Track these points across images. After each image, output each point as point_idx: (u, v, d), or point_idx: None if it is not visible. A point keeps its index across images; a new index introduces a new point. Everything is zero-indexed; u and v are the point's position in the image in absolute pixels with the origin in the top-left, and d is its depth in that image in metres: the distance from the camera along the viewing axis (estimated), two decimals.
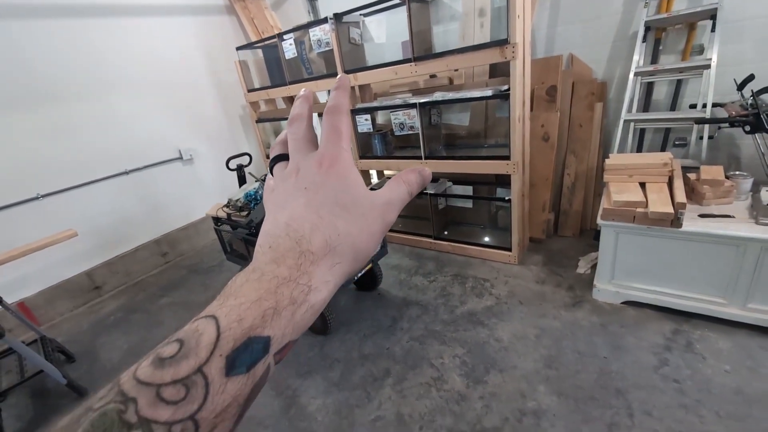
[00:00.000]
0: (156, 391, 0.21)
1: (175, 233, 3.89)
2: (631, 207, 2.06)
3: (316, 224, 0.29)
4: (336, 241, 0.29)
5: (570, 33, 2.95)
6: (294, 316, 0.26)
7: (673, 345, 1.95)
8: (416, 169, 0.36)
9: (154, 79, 3.59)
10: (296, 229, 0.29)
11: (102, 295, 3.42)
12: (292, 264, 0.27)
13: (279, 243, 0.29)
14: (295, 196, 0.31)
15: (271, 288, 0.26)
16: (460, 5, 2.77)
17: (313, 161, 0.32)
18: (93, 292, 3.37)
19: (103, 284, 3.42)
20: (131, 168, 3.49)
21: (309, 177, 0.32)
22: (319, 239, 0.29)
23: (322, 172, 0.31)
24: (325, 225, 0.29)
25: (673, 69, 2.56)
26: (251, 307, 0.25)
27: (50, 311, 3.13)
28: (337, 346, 2.28)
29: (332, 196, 0.31)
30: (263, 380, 0.26)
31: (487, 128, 3.02)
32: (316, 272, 0.28)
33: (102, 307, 3.26)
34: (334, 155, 0.32)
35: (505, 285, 2.60)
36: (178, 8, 3.71)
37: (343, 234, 0.30)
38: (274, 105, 4.09)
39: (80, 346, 2.73)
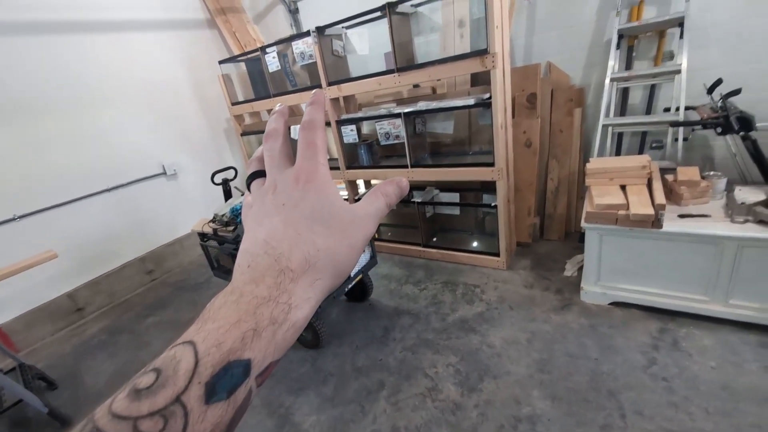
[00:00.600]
0: (133, 425, 0.21)
1: (160, 250, 3.81)
2: (613, 210, 2.11)
3: (295, 241, 0.29)
4: (315, 257, 0.29)
5: (547, 42, 3.04)
6: (275, 336, 0.26)
7: (661, 344, 1.99)
8: (393, 181, 0.36)
9: (135, 94, 3.55)
10: (275, 247, 0.29)
11: (85, 317, 3.32)
12: (272, 283, 0.27)
13: (258, 262, 0.29)
14: (273, 213, 0.31)
15: (250, 309, 0.26)
16: (440, 17, 2.82)
17: (290, 177, 0.32)
18: (75, 314, 3.27)
19: (85, 305, 3.32)
20: (114, 185, 3.42)
21: (286, 193, 0.32)
22: (298, 256, 0.29)
23: (299, 187, 0.31)
24: (304, 241, 0.29)
25: (647, 74, 2.65)
26: (230, 330, 0.25)
27: (30, 336, 3.02)
28: (329, 360, 2.26)
29: (310, 212, 0.31)
30: (245, 404, 0.25)
31: (471, 135, 3.06)
32: (296, 290, 0.28)
33: (85, 329, 3.16)
34: (310, 170, 0.32)
35: (494, 290, 2.62)
36: (158, 23, 3.69)
37: (323, 249, 0.30)
38: (258, 118, 4.08)
39: (62, 372, 2.64)
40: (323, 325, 2.30)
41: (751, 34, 2.41)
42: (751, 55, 2.46)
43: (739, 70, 2.49)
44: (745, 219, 1.92)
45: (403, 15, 2.68)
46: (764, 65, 2.44)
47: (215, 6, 3.93)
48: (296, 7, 3.91)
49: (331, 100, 3.02)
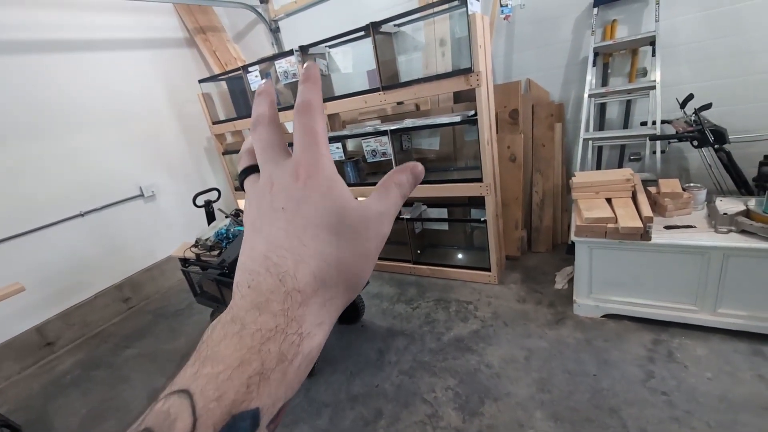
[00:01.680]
0: None
1: (138, 276, 3.63)
2: (602, 223, 2.13)
3: (300, 254, 0.24)
4: (325, 272, 0.25)
5: (525, 59, 3.12)
6: (286, 375, 0.22)
7: (656, 356, 2.00)
8: (407, 167, 0.30)
9: (110, 114, 3.42)
10: (277, 263, 0.24)
11: (55, 351, 3.10)
12: (278, 309, 0.23)
13: (259, 281, 0.24)
14: (272, 218, 0.26)
15: (254, 346, 0.22)
16: (422, 36, 2.85)
17: (289, 172, 0.27)
18: (44, 349, 3.04)
19: (56, 339, 3.10)
20: (87, 209, 3.25)
21: (285, 193, 0.26)
22: (305, 273, 0.24)
23: (300, 185, 0.26)
24: (311, 254, 0.25)
25: (623, 90, 2.74)
26: (232, 376, 0.21)
27: None
28: (323, 389, 2.16)
29: (315, 216, 0.25)
30: None
31: (456, 151, 3.08)
32: (306, 315, 0.23)
33: (56, 365, 2.94)
34: (311, 163, 0.27)
35: (488, 306, 2.59)
36: (135, 42, 3.59)
37: (333, 261, 0.25)
38: (241, 136, 4.00)
39: (30, 415, 2.43)
40: None
41: (715, 53, 2.54)
42: (717, 71, 2.58)
43: (708, 85, 2.60)
44: (728, 229, 1.97)
45: (386, 34, 2.70)
46: (730, 81, 2.56)
47: (194, 25, 3.87)
48: (277, 26, 3.90)
49: None
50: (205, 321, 3.04)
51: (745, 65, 2.49)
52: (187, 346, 2.85)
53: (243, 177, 0.31)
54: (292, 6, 3.72)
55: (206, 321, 2.99)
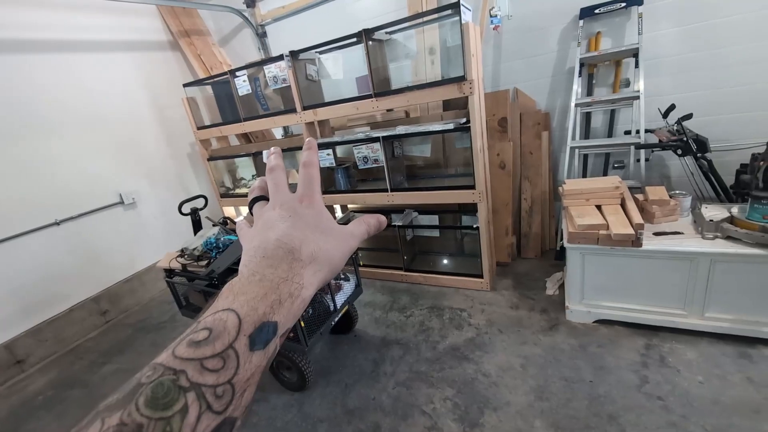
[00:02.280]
0: (200, 363, 0.27)
1: (116, 287, 3.45)
2: (594, 230, 2.16)
3: (303, 240, 0.37)
4: (318, 254, 0.37)
5: (513, 69, 3.17)
6: (292, 307, 0.33)
7: (649, 361, 2.03)
8: (376, 215, 0.46)
9: (90, 117, 3.27)
10: (287, 243, 0.36)
11: (26, 370, 2.90)
12: (287, 268, 0.35)
13: (273, 253, 0.35)
14: (282, 220, 0.38)
15: (273, 286, 0.33)
16: (414, 44, 2.86)
17: (295, 198, 0.41)
18: (14, 367, 2.85)
19: (27, 357, 2.91)
20: (63, 217, 3.08)
21: (292, 208, 0.40)
22: (306, 251, 0.37)
23: (303, 206, 0.40)
24: (310, 241, 0.37)
25: (608, 100, 2.82)
26: (262, 300, 0.32)
27: None
28: (317, 403, 2.10)
29: (312, 222, 0.39)
30: (273, 355, 0.32)
31: (447, 158, 3.09)
32: (305, 274, 0.35)
33: (27, 384, 2.75)
34: (310, 196, 0.41)
35: (482, 314, 2.59)
36: (116, 43, 3.47)
37: (323, 249, 0.38)
38: (226, 142, 3.89)
39: None
40: (308, 364, 2.14)
41: (694, 65, 2.65)
42: (696, 83, 2.69)
43: (688, 96, 2.71)
44: (714, 235, 2.03)
45: (378, 41, 2.69)
46: (708, 92, 2.67)
47: (178, 28, 3.76)
48: (264, 31, 3.84)
49: (306, 124, 2.94)
50: None
51: (723, 77, 2.60)
52: None
53: (253, 203, 0.44)
54: (280, 11, 3.67)
55: None
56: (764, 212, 1.88)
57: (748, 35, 2.47)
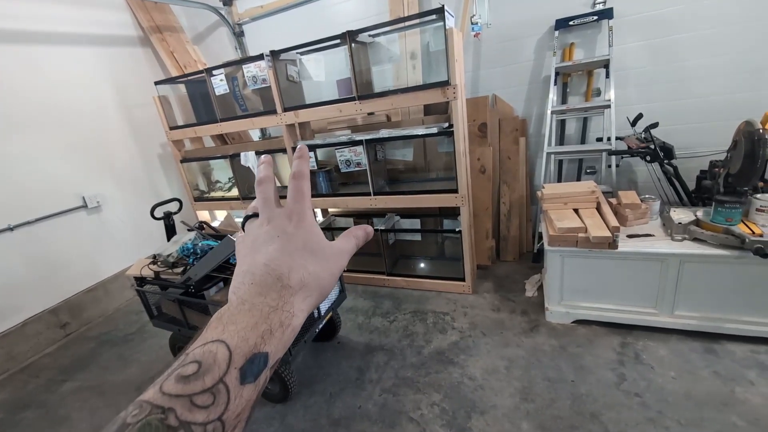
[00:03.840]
0: (189, 400, 0.26)
1: (78, 298, 3.21)
2: (573, 233, 2.23)
3: (292, 266, 0.36)
4: (307, 279, 0.36)
5: (491, 76, 3.25)
6: (283, 336, 0.33)
7: (625, 358, 2.10)
8: (362, 227, 0.44)
9: (50, 114, 3.05)
10: (275, 269, 0.35)
11: None
12: (276, 296, 0.33)
13: (261, 280, 0.34)
14: (270, 242, 0.37)
15: (263, 315, 0.32)
16: (397, 48, 2.87)
17: (283, 215, 0.39)
18: None
19: None
20: (17, 222, 2.84)
21: (280, 227, 0.38)
22: (295, 277, 0.35)
23: (292, 224, 0.38)
24: (299, 266, 0.36)
25: (581, 108, 2.94)
26: (252, 330, 0.31)
27: None
28: (301, 415, 2.03)
29: (302, 244, 0.37)
30: (263, 388, 0.31)
31: (428, 162, 3.11)
32: (294, 302, 0.34)
33: None
34: (300, 211, 0.39)
35: (464, 317, 2.60)
36: (80, 36, 3.25)
37: (312, 274, 0.36)
38: (201, 143, 3.74)
39: None
40: (291, 374, 2.07)
41: (657, 78, 2.82)
42: (659, 94, 2.86)
43: (653, 106, 2.87)
44: (682, 237, 2.15)
45: (361, 44, 2.67)
46: (670, 103, 2.84)
47: (149, 23, 3.59)
48: (241, 30, 3.73)
49: (287, 126, 2.87)
50: (162, 345, 2.75)
51: (683, 89, 2.78)
52: (141, 375, 2.55)
53: (246, 220, 0.43)
54: (258, 11, 3.58)
55: (164, 345, 2.70)
56: (727, 215, 2.01)
57: (705, 50, 2.64)
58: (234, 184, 3.42)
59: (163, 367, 2.44)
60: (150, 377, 2.51)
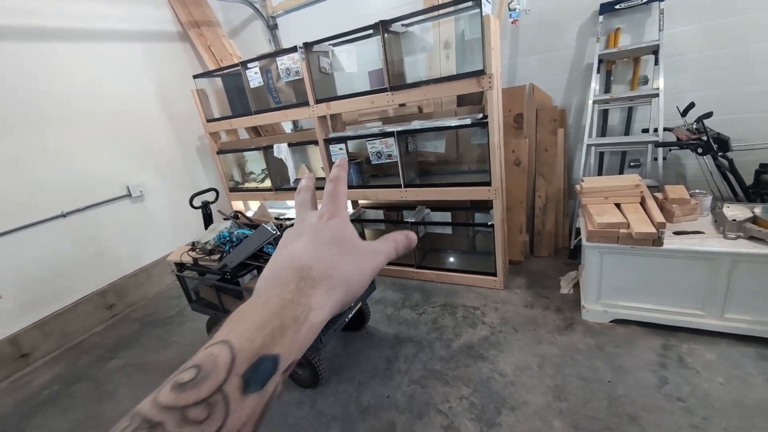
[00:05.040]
0: (181, 413, 0.23)
1: (123, 281, 3.41)
2: (614, 228, 2.13)
3: (316, 256, 0.33)
4: (332, 271, 0.33)
5: (529, 64, 3.12)
6: (298, 334, 0.29)
7: (667, 361, 2.00)
8: (404, 232, 0.42)
9: (95, 108, 3.21)
10: (299, 258, 0.33)
11: (31, 363, 2.86)
12: (294, 288, 0.31)
13: (282, 273, 0.32)
14: (298, 238, 0.36)
15: (276, 310, 0.29)
16: (431, 37, 2.81)
17: (315, 215, 0.38)
18: (19, 361, 2.81)
19: (32, 351, 2.87)
20: (70, 209, 3.04)
21: (310, 224, 0.37)
22: (318, 267, 0.33)
23: (323, 222, 0.37)
24: (323, 257, 0.34)
25: (626, 97, 2.77)
26: (260, 328, 0.27)
27: None
28: (331, 401, 2.07)
29: (330, 237, 0.35)
30: (273, 398, 0.28)
31: (460, 154, 3.05)
32: (315, 295, 0.31)
33: (32, 379, 2.72)
34: (333, 211, 0.38)
35: (495, 312, 2.56)
36: (124, 33, 3.40)
37: (338, 267, 0.34)
38: (236, 135, 3.84)
39: None
40: (321, 361, 2.11)
41: (716, 63, 2.60)
42: (717, 81, 2.64)
43: (708, 94, 2.66)
44: (737, 235, 2.00)
45: (394, 34, 2.64)
46: (729, 90, 2.63)
47: (188, 18, 3.70)
48: (275, 23, 3.78)
49: (319, 118, 2.89)
50: (199, 329, 2.88)
51: (745, 76, 2.56)
52: (179, 356, 2.68)
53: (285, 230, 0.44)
54: (292, 3, 3.61)
55: (201, 329, 2.82)
56: None
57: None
58: (267, 176, 3.49)
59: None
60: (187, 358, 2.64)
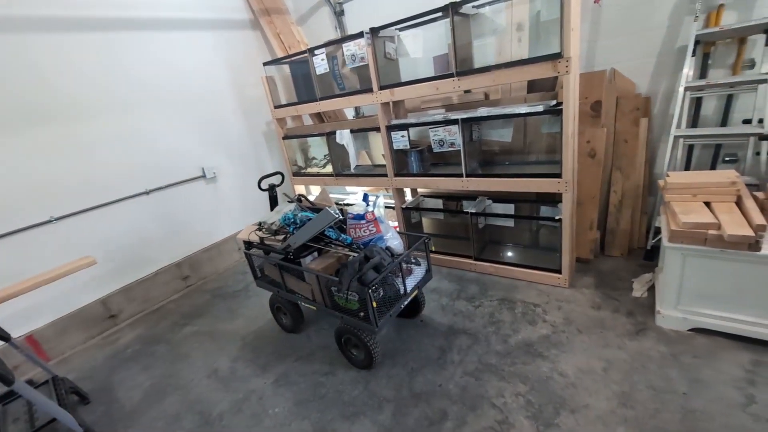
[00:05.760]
0: None
1: (197, 255, 3.72)
2: (702, 229, 1.92)
3: None
4: None
5: (611, 47, 2.87)
6: None
7: (757, 378, 1.78)
8: None
9: (175, 94, 3.48)
10: None
11: (118, 323, 3.24)
12: None
13: None
14: None
15: None
16: (503, 18, 2.68)
17: None
18: (108, 320, 3.19)
19: (119, 312, 3.24)
20: (152, 187, 3.35)
21: None
22: None
23: None
24: None
25: (727, 83, 2.45)
26: None
27: (61, 344, 2.93)
28: (384, 383, 2.11)
29: None
30: None
31: (527, 144, 2.90)
32: None
33: (118, 337, 3.07)
34: None
35: (558, 311, 2.44)
36: (201, 22, 3.63)
37: None
38: (301, 121, 3.98)
39: (95, 384, 2.54)
40: (376, 344, 2.15)
41: None
42: None
43: None
44: None
45: (464, 16, 2.55)
46: None
47: (259, 6, 3.86)
48: (342, 10, 3.82)
49: (382, 104, 2.89)
50: (263, 304, 3.06)
51: None
52: (245, 327, 2.88)
53: None
54: None
55: (264, 304, 2.99)
56: None
57: None
58: (329, 161, 3.58)
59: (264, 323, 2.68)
60: (252, 330, 2.82)
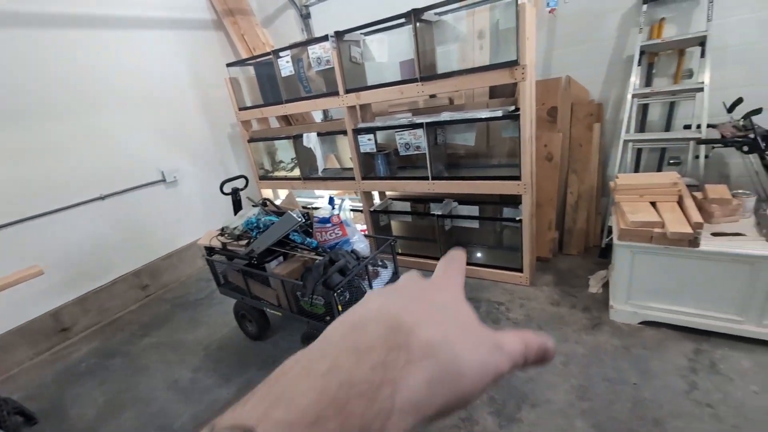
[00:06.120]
0: None
1: (157, 263, 3.57)
2: (647, 227, 2.06)
3: (421, 320, 0.22)
4: (441, 345, 0.21)
5: (566, 56, 3.02)
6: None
7: (698, 366, 1.94)
8: (546, 343, 0.27)
9: (133, 95, 3.33)
10: (394, 315, 0.22)
11: (71, 337, 3.04)
12: (378, 361, 0.20)
13: (366, 325, 0.22)
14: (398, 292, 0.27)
15: (339, 399, 0.18)
16: (464, 26, 2.76)
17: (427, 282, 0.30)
18: (59, 334, 2.99)
19: (72, 325, 3.05)
20: (108, 192, 3.18)
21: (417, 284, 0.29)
22: (422, 334, 0.21)
23: (434, 286, 0.29)
24: (433, 321, 0.23)
25: (669, 91, 2.65)
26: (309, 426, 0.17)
27: (5, 361, 2.72)
28: None
29: (442, 304, 0.26)
30: None
31: (490, 148, 3.00)
32: (405, 381, 0.19)
33: (71, 352, 2.89)
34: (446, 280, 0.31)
35: (520, 308, 2.53)
36: (162, 22, 3.50)
37: (451, 340, 0.22)
38: (267, 124, 3.91)
39: (44, 403, 2.38)
40: None
41: None
42: None
43: (758, 89, 2.51)
44: None
45: (426, 23, 2.60)
46: None
47: (223, 7, 3.77)
48: (308, 12, 3.80)
49: (348, 108, 2.90)
50: (227, 312, 2.97)
51: None
52: (208, 336, 2.79)
53: None
54: None
55: (228, 312, 2.90)
56: None
57: None
58: (296, 165, 3.55)
59: (228, 331, 2.59)
60: (215, 339, 2.74)
